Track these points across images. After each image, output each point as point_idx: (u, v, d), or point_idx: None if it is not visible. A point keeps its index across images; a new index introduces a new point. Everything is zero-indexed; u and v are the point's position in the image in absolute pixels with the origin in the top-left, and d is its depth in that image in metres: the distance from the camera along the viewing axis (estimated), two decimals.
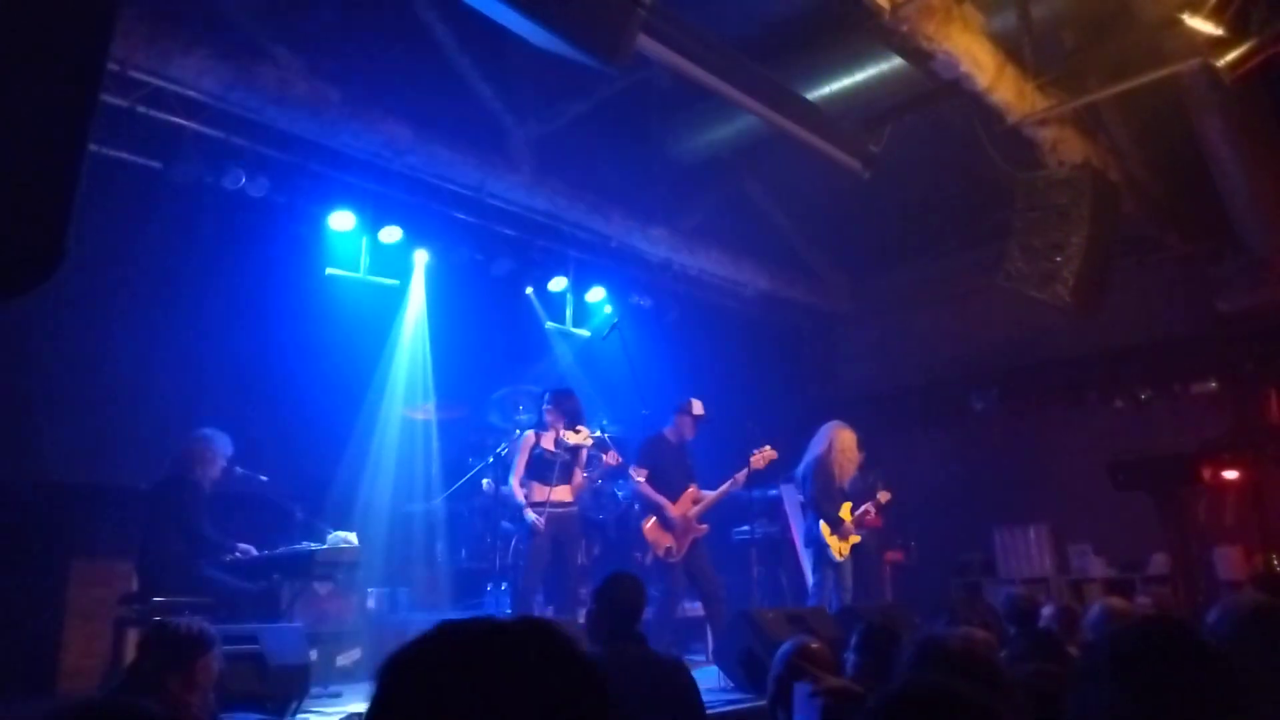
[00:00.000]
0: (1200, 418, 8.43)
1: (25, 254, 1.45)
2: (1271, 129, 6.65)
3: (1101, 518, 8.52)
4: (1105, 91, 6.26)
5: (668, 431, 6.42)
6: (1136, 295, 8.33)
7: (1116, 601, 3.73)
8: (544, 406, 6.05)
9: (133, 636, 4.72)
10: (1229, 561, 7.99)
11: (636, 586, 3.34)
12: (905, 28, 5.13)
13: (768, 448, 6.40)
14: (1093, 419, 8.96)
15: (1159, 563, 8.20)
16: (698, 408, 6.44)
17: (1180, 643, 1.36)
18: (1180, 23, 4.84)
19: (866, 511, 6.73)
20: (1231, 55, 5.05)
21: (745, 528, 7.08)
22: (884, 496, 6.88)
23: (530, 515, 5.72)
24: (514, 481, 5.88)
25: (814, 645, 2.75)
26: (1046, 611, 4.72)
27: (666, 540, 6.12)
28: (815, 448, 6.77)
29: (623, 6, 3.42)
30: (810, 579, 7.64)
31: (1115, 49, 6.19)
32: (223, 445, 5.27)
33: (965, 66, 5.57)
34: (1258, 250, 7.48)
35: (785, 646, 2.74)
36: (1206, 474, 7.65)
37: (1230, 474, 7.96)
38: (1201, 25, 4.65)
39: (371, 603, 6.49)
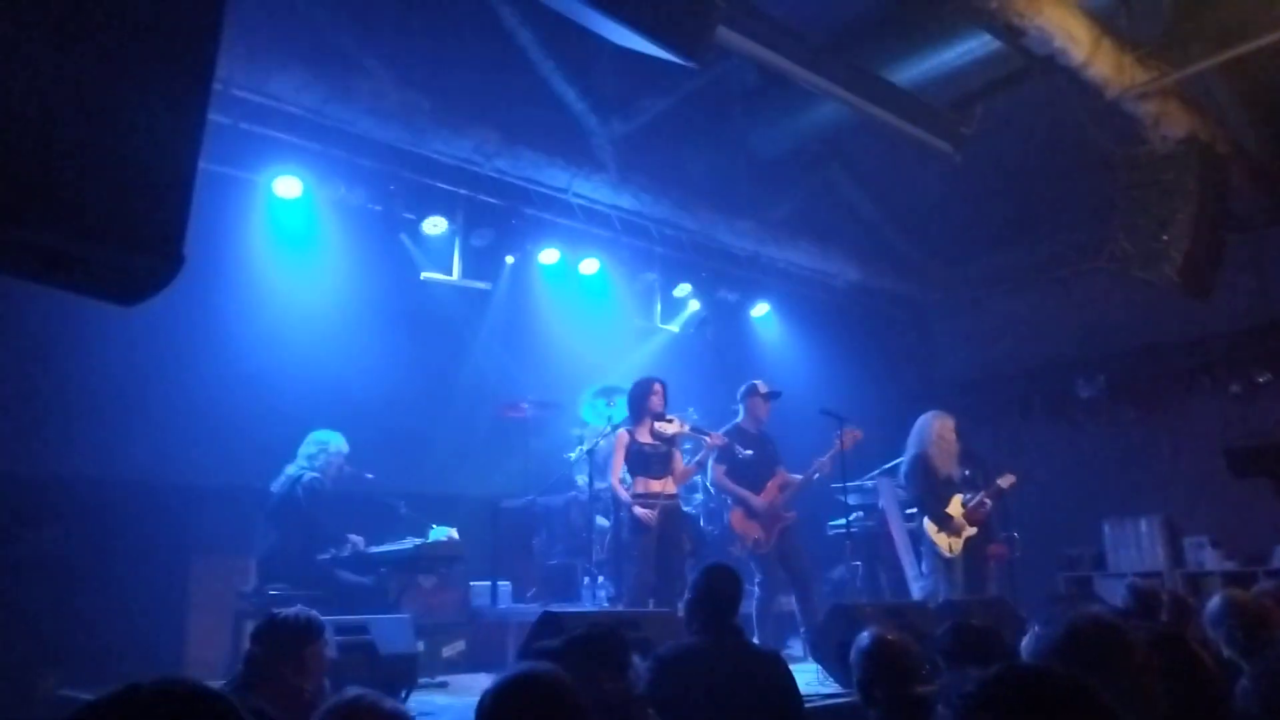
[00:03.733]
0: None
1: (146, 261, 1.54)
2: None
3: (1218, 508, 8.13)
4: (1210, 60, 5.97)
5: (742, 421, 6.36)
6: (1250, 273, 7.92)
7: (1238, 593, 3.55)
8: (634, 401, 6.04)
9: (250, 628, 4.96)
10: None
11: (732, 577, 3.35)
12: (996, 4, 5.00)
13: (853, 428, 6.27)
14: (1206, 405, 8.54)
15: None
16: (763, 387, 6.36)
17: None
18: None
19: (982, 502, 6.51)
20: None
21: (842, 521, 6.98)
22: (1007, 480, 6.63)
23: (640, 511, 5.73)
24: (614, 480, 5.90)
25: (891, 638, 2.71)
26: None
27: (755, 531, 6.09)
28: (912, 445, 6.58)
29: (702, 1, 3.43)
30: (909, 574, 7.51)
31: (1219, 15, 5.90)
32: (340, 445, 5.53)
33: (1060, 41, 5.40)
34: None
35: (860, 644, 2.70)
36: None
37: None
38: None
39: (474, 597, 6.66)
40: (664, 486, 5.85)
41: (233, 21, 5.08)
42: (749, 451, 6.11)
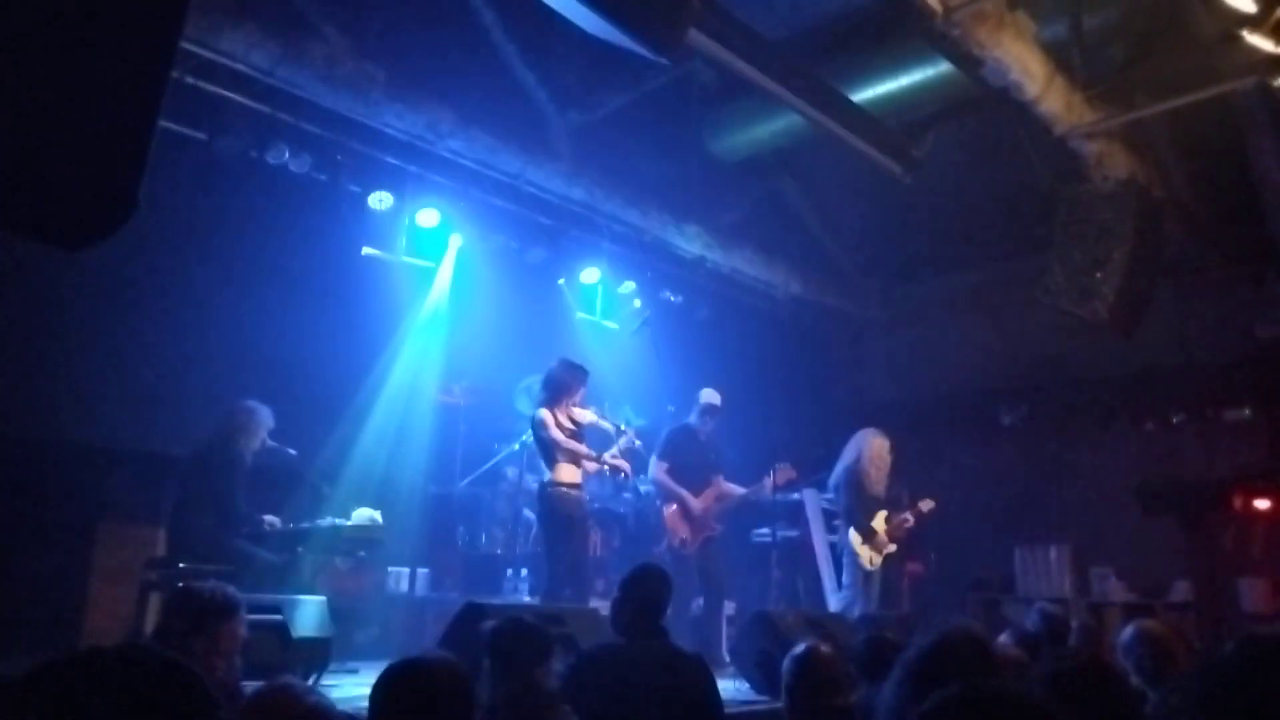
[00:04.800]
0: (1232, 445, 8.30)
1: (98, 202, 1.46)
2: None
3: (1125, 541, 8.41)
4: (1155, 108, 6.18)
5: (693, 423, 6.40)
6: (1173, 317, 8.21)
7: (1150, 624, 3.67)
8: (556, 383, 5.96)
9: (156, 601, 4.78)
10: (1255, 593, 7.86)
11: (663, 580, 3.33)
12: (957, 32, 5.08)
13: (789, 466, 6.39)
14: (1122, 441, 8.84)
15: (1181, 590, 8.07)
16: (715, 398, 6.41)
17: None
18: (1237, 39, 4.76)
19: (905, 520, 6.66)
20: None
21: (765, 530, 7.05)
22: (926, 505, 6.81)
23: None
24: (571, 446, 5.78)
25: (824, 650, 2.74)
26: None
27: (683, 531, 6.12)
28: (847, 456, 6.72)
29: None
30: (828, 585, 7.62)
31: (1167, 65, 6.11)
32: (265, 417, 5.31)
33: (1015, 74, 5.51)
34: None
35: (794, 651, 2.73)
36: (1237, 502, 7.53)
37: (1262, 504, 7.83)
38: (1261, 42, 4.57)
39: (391, 582, 6.53)
40: (580, 475, 5.81)
41: None
42: (638, 443, 6.10)
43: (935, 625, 1.97)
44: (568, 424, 5.82)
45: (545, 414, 5.81)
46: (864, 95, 6.56)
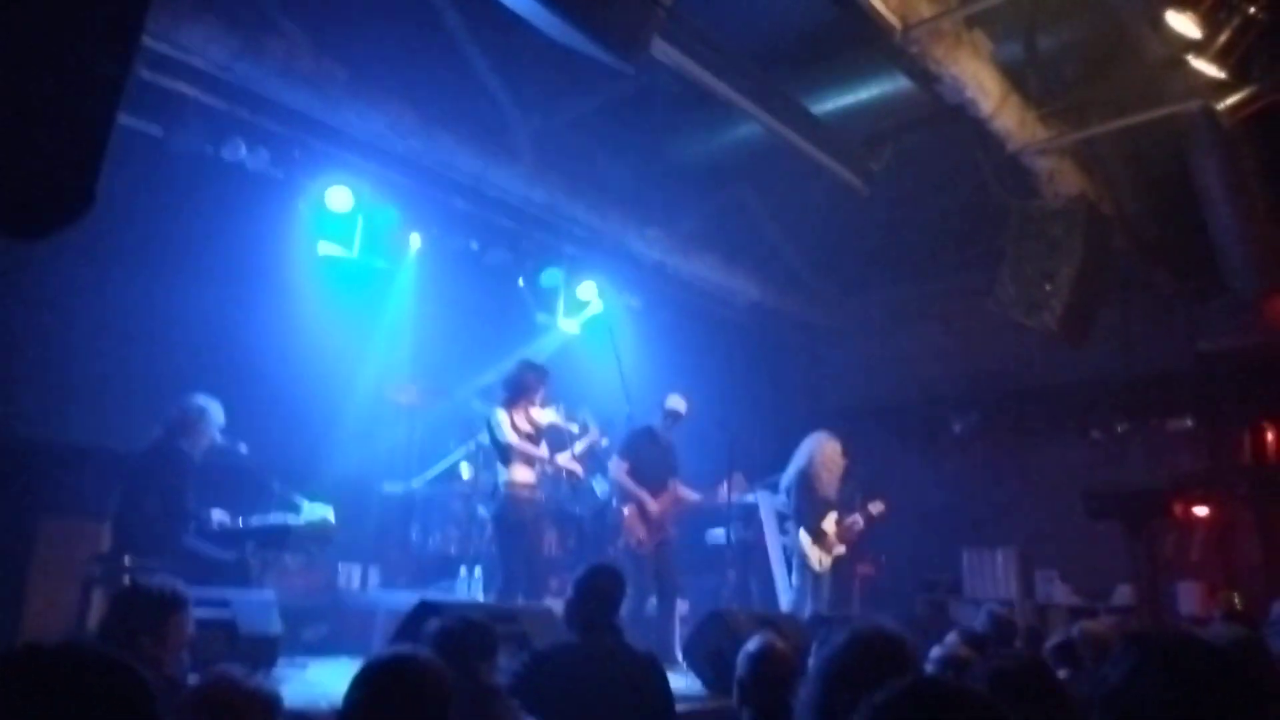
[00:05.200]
0: (1174, 454, 8.56)
1: (54, 196, 1.46)
2: (1264, 174, 6.75)
3: (1070, 546, 8.63)
4: (1105, 126, 6.35)
5: (655, 426, 6.48)
6: (1120, 329, 8.43)
7: (1092, 625, 3.79)
8: (516, 383, 5.99)
9: (99, 596, 4.70)
10: (1191, 597, 8.11)
11: (616, 579, 3.37)
12: (915, 49, 5.18)
13: (742, 477, 6.50)
14: (1068, 448, 9.08)
15: (1124, 594, 8.31)
16: (679, 403, 6.49)
17: None
18: (1184, 63, 4.92)
19: (855, 522, 6.78)
20: (1232, 99, 5.14)
21: (720, 532, 7.12)
22: (876, 508, 6.93)
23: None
24: (520, 444, 5.82)
25: (779, 646, 2.78)
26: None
27: (640, 532, 6.17)
28: (799, 459, 6.83)
29: (643, 5, 3.45)
30: (780, 586, 7.70)
31: (1118, 85, 6.28)
32: (215, 414, 5.24)
33: (971, 92, 5.63)
34: (1242, 293, 7.60)
35: (749, 647, 2.77)
36: (1178, 509, 7.77)
37: (1201, 511, 8.08)
38: (1206, 67, 4.72)
39: (342, 580, 6.47)
40: (530, 475, 5.84)
41: None
42: (605, 441, 6.18)
43: (850, 624, 2.01)
44: (525, 425, 5.85)
45: (501, 414, 5.83)
46: (824, 108, 6.66)
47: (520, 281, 7.86)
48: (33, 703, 1.11)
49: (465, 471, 6.72)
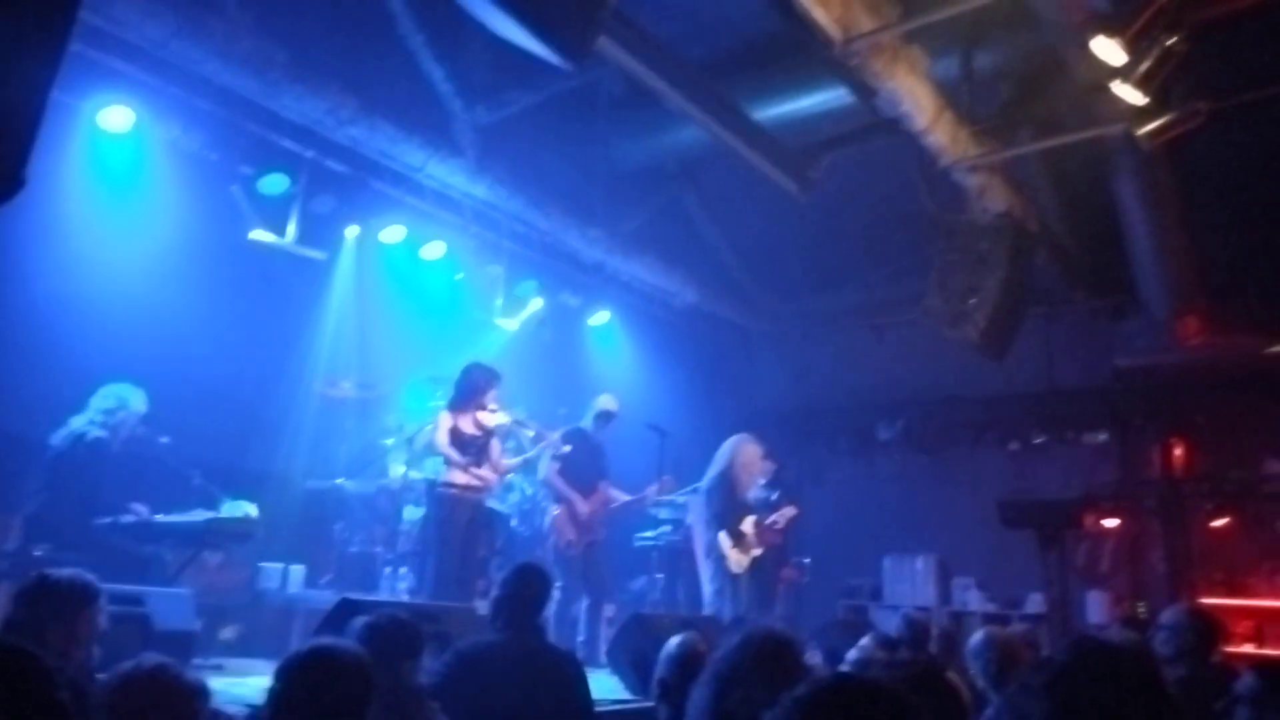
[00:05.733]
0: (1089, 466, 8.87)
1: None
2: (1178, 199, 7.04)
3: (986, 554, 8.87)
4: (1033, 145, 6.57)
5: (586, 427, 6.48)
6: (1041, 344, 8.72)
7: (997, 630, 3.92)
8: (467, 386, 5.97)
9: (5, 591, 4.52)
10: (1100, 605, 8.42)
11: (543, 579, 3.37)
12: (855, 61, 5.28)
13: (671, 479, 6.55)
14: (988, 458, 9.34)
15: (1036, 601, 8.56)
16: (612, 404, 6.51)
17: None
18: (1109, 89, 5.10)
19: (774, 523, 6.88)
20: (1151, 125, 5.35)
21: (648, 534, 7.16)
22: (789, 512, 7.04)
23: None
24: (449, 454, 5.80)
25: (701, 648, 2.82)
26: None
27: (570, 533, 6.18)
28: (719, 461, 6.89)
29: (589, 4, 3.45)
30: (707, 590, 7.76)
31: (1047, 106, 6.50)
32: (136, 405, 5.08)
33: (906, 106, 5.76)
34: (1157, 313, 7.91)
35: (670, 647, 2.80)
36: (1089, 520, 8.04)
37: (1111, 522, 8.38)
38: (1128, 94, 4.91)
39: (262, 578, 6.32)
40: (476, 478, 5.81)
41: None
42: (567, 448, 6.21)
43: (739, 629, 2.07)
44: (470, 428, 5.81)
45: (444, 416, 5.81)
46: (766, 114, 6.75)
47: (458, 276, 7.79)
48: None
49: (394, 469, 6.62)
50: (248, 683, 4.05)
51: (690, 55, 6.08)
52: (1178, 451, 8.69)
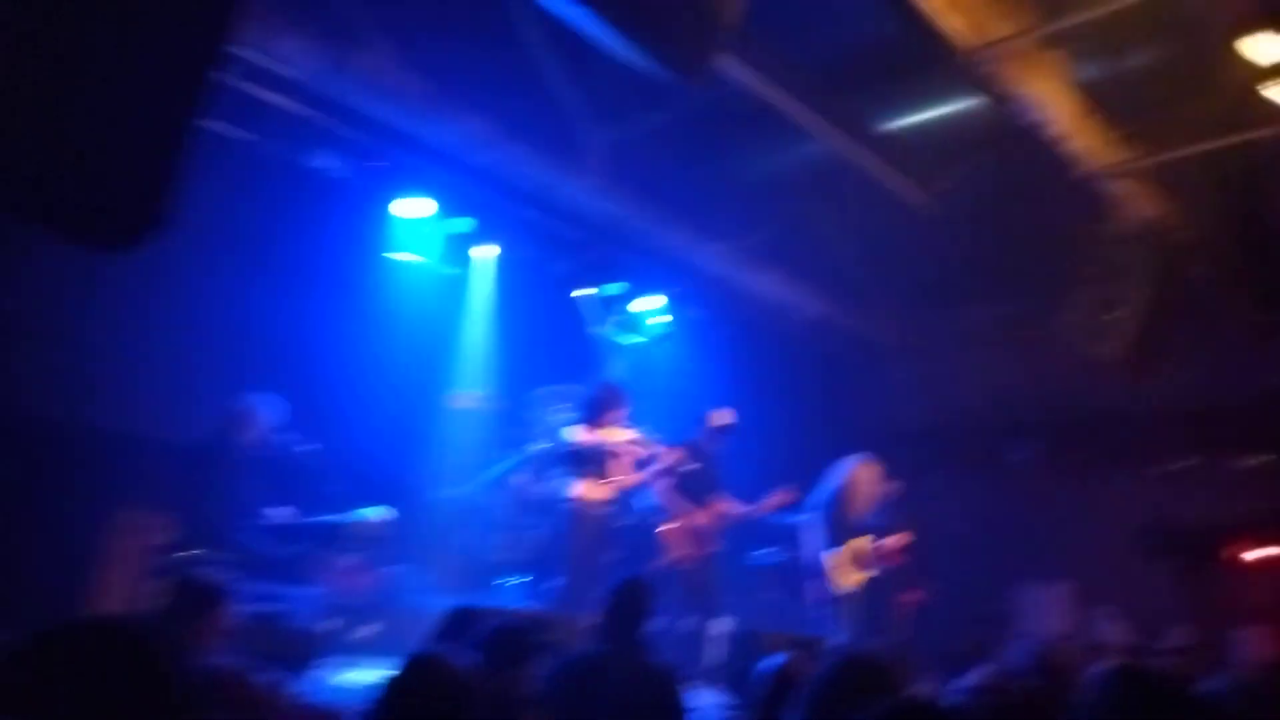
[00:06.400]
0: (1243, 491, 8.19)
1: (126, 218, 1.55)
2: None
3: (1128, 583, 8.30)
4: (1186, 150, 6.15)
5: (700, 440, 6.47)
6: (1195, 360, 8.12)
7: (1124, 662, 3.66)
8: (597, 402, 6.08)
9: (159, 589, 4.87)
10: (1254, 641, 7.74)
11: (647, 593, 3.39)
12: (987, 69, 5.11)
13: (789, 488, 6.44)
14: (1132, 482, 8.77)
15: (1179, 635, 7.97)
16: (727, 418, 6.48)
17: None
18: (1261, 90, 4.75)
19: (884, 546, 6.68)
20: None
21: (765, 551, 7.08)
22: (902, 538, 6.80)
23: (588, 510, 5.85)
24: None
25: (798, 669, 2.77)
26: None
27: (685, 548, 6.16)
28: (834, 479, 6.74)
29: (707, 26, 3.49)
30: (822, 610, 7.61)
31: (1200, 109, 6.08)
32: (267, 411, 5.37)
33: (1043, 112, 5.53)
34: None
35: (768, 664, 2.78)
36: (1238, 550, 7.44)
37: (1264, 552, 7.72)
38: (1278, 96, 4.55)
39: (393, 581, 6.60)
40: (602, 492, 5.90)
41: None
42: (696, 464, 6.21)
43: (835, 652, 2.03)
44: (598, 443, 5.91)
45: (575, 428, 5.94)
46: (895, 124, 6.60)
47: (586, 292, 7.95)
48: (63, 671, 1.30)
49: (517, 480, 6.81)
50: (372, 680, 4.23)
51: (813, 66, 6.00)
52: None
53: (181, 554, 4.85)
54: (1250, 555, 7.66)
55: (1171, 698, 1.56)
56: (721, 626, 6.34)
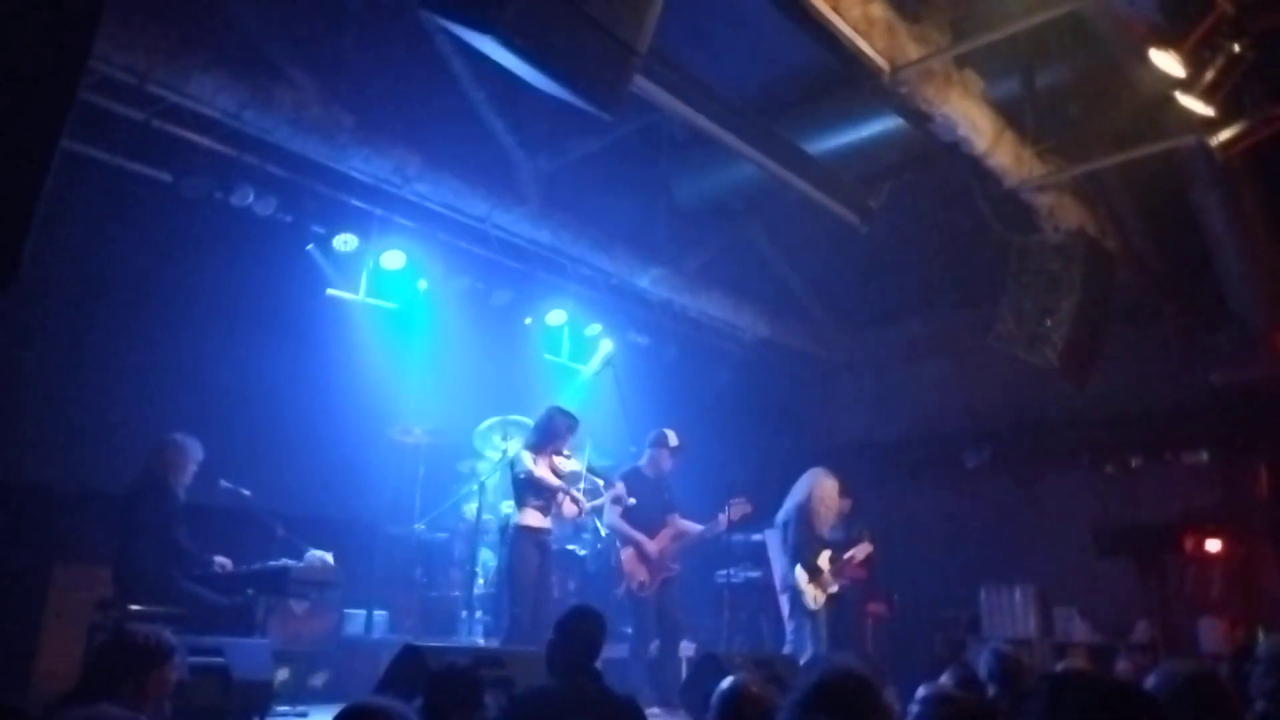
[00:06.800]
0: (1190, 488, 8.43)
1: None
2: (1265, 210, 6.71)
3: (1088, 582, 8.49)
4: (1103, 162, 6.34)
5: (643, 465, 6.49)
6: (1132, 363, 8.36)
7: (1076, 665, 3.74)
8: (546, 429, 6.06)
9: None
10: (1213, 633, 7.94)
11: (598, 622, 3.37)
12: (905, 90, 5.23)
13: (743, 500, 6.47)
14: (1083, 483, 8.96)
15: (1143, 630, 8.15)
16: (673, 439, 6.50)
17: None
18: (1175, 100, 4.92)
19: (852, 558, 6.75)
20: (1224, 135, 5.13)
21: (726, 572, 7.09)
22: (865, 548, 6.90)
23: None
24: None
25: (754, 689, 2.77)
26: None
27: (641, 574, 6.16)
28: (796, 494, 6.82)
29: (619, 55, 3.52)
30: (787, 626, 7.64)
31: (1116, 120, 6.29)
32: (194, 450, 5.26)
33: (964, 130, 5.67)
34: (1251, 326, 7.52)
35: (722, 686, 2.77)
36: (1190, 544, 7.64)
37: (1215, 545, 7.94)
38: (1193, 104, 4.73)
39: (347, 624, 6.49)
40: (549, 522, 5.88)
41: (158, 16, 5.05)
42: (631, 500, 6.21)
43: (817, 665, 2.03)
44: (546, 472, 5.89)
45: (526, 455, 5.90)
46: (822, 146, 6.72)
47: (527, 320, 7.94)
48: None
49: (469, 512, 6.73)
50: None
51: (740, 93, 6.10)
52: None
53: (129, 608, 4.72)
54: (1202, 549, 7.85)
55: (1112, 700, 1.59)
56: (683, 650, 6.35)
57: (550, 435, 6.01)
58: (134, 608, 4.79)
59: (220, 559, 5.18)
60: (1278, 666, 3.60)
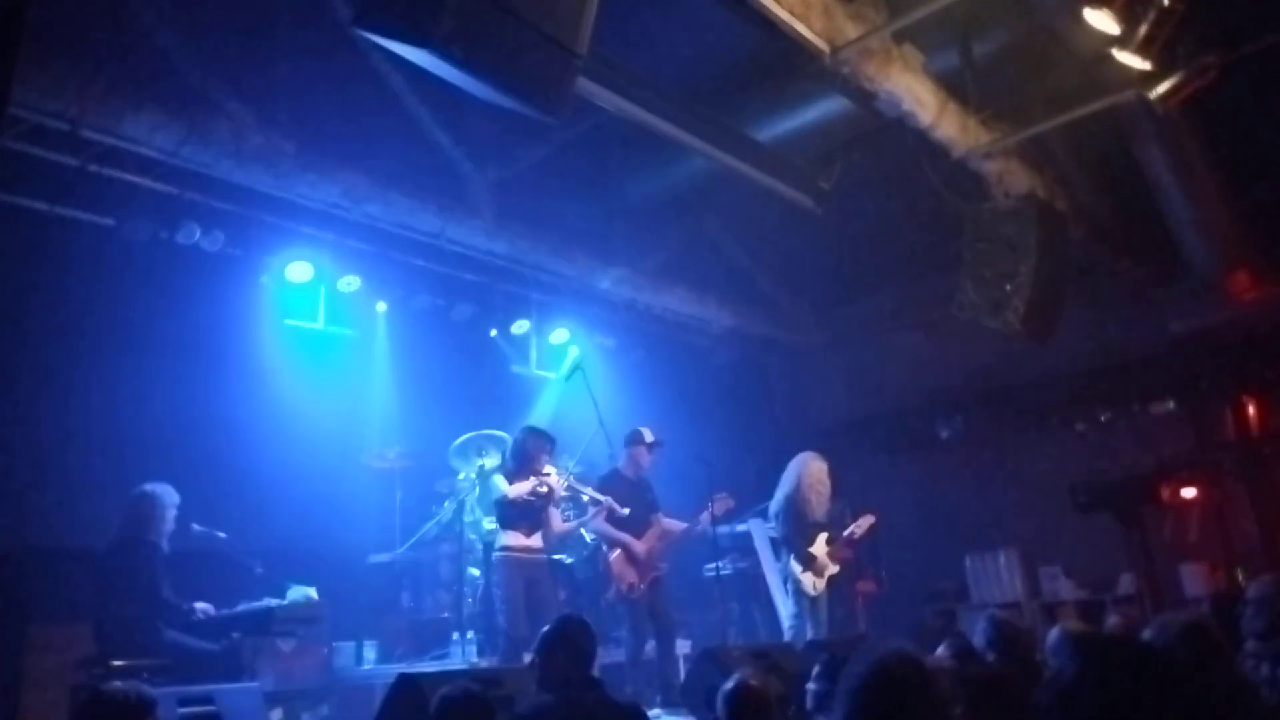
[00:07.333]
0: (1161, 437, 8.56)
1: None
2: (1209, 157, 6.82)
3: (1070, 540, 8.60)
4: (1046, 124, 6.41)
5: (622, 467, 6.44)
6: (1092, 319, 8.48)
7: (1075, 625, 3.76)
8: (520, 453, 5.99)
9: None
10: (1195, 578, 8.07)
11: (584, 630, 3.32)
12: (846, 69, 5.25)
13: (725, 495, 6.46)
14: (1055, 443, 9.06)
15: (1128, 583, 8.26)
16: (648, 436, 6.47)
17: None
18: (1112, 57, 4.98)
19: (853, 534, 6.79)
20: (1162, 88, 5.21)
21: (714, 564, 7.07)
22: (864, 524, 6.90)
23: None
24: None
25: (754, 683, 2.76)
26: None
27: (630, 576, 6.13)
28: (785, 485, 6.81)
29: (560, 59, 3.49)
30: (784, 614, 7.64)
31: (1055, 82, 6.36)
32: (169, 497, 5.15)
33: (908, 105, 5.70)
34: (1204, 274, 7.65)
35: (725, 686, 2.76)
36: (1166, 493, 7.75)
37: (1190, 492, 8.07)
38: (1129, 60, 4.79)
39: (338, 657, 6.39)
40: (535, 540, 5.83)
41: (84, 60, 4.93)
42: (625, 510, 6.17)
43: (868, 651, 1.97)
44: (526, 494, 5.81)
45: (500, 480, 5.84)
46: (770, 132, 6.72)
47: (493, 333, 7.87)
48: None
49: (451, 532, 6.65)
50: None
51: (683, 84, 6.09)
52: (1251, 410, 8.34)
53: (113, 665, 4.61)
54: (1178, 496, 7.97)
55: (1129, 656, 1.58)
56: (679, 648, 6.33)
57: (524, 458, 5.94)
58: (117, 663, 4.68)
59: (202, 605, 5.06)
60: (1267, 607, 3.67)
